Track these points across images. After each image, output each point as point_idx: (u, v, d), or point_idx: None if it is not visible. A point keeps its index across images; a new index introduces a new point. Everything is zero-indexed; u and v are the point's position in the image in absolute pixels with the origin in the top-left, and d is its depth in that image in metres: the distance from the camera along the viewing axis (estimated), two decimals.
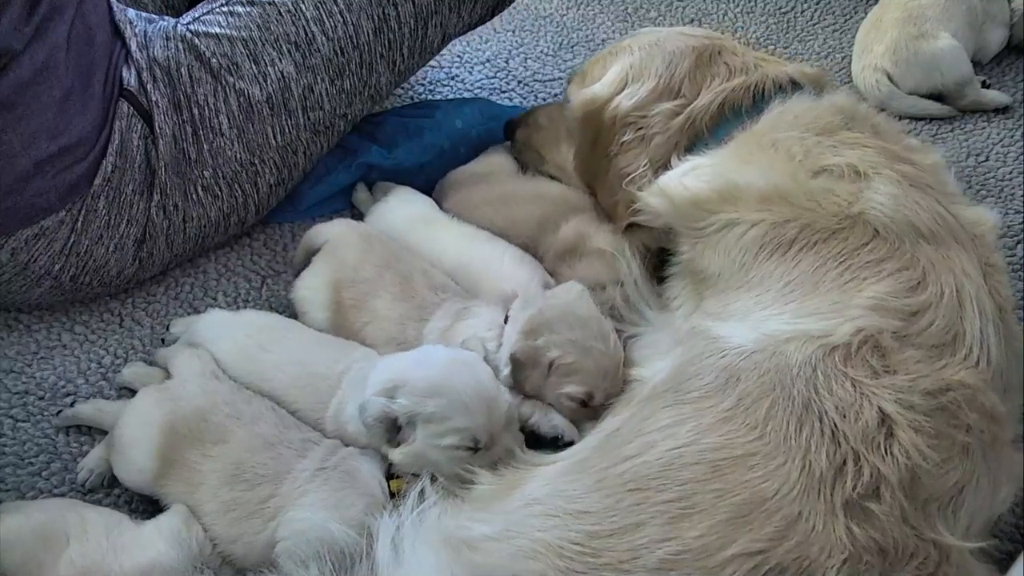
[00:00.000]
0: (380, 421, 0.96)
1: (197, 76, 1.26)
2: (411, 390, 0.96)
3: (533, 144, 1.42)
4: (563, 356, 1.07)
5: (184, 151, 1.26)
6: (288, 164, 1.37)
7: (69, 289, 1.26)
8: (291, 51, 1.30)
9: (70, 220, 1.20)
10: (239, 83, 1.28)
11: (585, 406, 1.08)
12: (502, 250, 1.29)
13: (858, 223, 0.95)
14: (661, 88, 1.19)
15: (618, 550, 0.76)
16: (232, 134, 1.29)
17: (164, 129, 1.25)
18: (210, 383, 1.09)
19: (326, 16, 1.31)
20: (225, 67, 1.27)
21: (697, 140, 1.16)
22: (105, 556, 0.94)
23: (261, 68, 1.29)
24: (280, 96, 1.30)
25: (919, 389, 0.83)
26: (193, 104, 1.26)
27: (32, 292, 1.25)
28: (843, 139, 1.04)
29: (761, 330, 0.90)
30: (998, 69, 1.90)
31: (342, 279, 1.22)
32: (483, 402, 0.97)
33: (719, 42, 1.24)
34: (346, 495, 0.97)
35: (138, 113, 1.24)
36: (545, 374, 1.08)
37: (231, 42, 1.28)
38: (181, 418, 1.03)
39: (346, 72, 1.34)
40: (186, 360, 1.13)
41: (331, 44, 1.31)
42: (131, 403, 1.08)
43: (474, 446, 0.96)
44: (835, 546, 0.75)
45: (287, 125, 1.32)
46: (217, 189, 1.31)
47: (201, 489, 0.99)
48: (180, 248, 1.33)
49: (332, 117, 1.37)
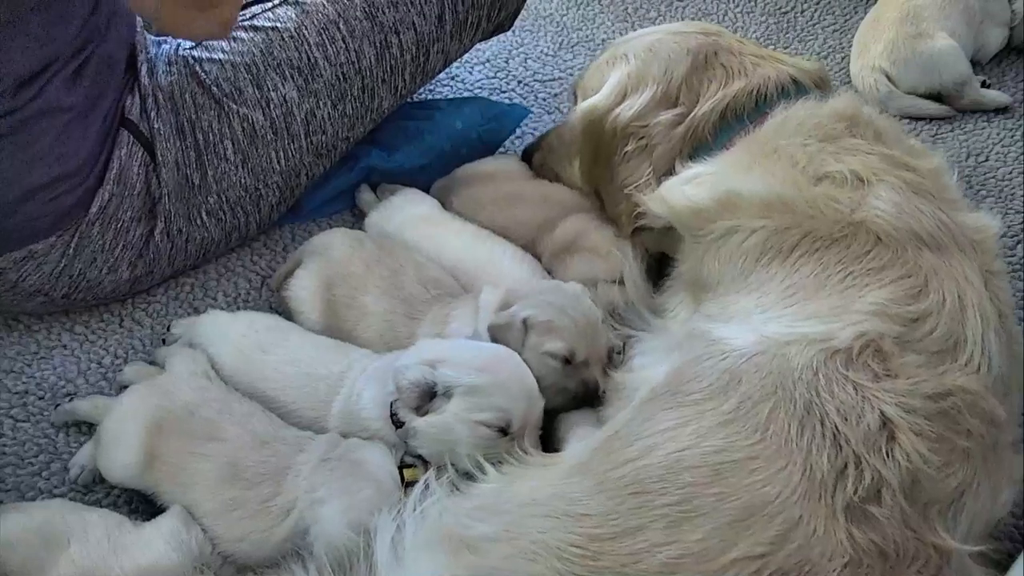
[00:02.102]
0: (417, 386, 0.98)
1: (200, 102, 1.26)
2: (459, 363, 1.00)
3: (548, 165, 1.42)
4: (537, 314, 1.09)
5: (188, 177, 1.26)
6: (291, 186, 1.37)
7: (62, 304, 1.27)
8: (294, 76, 1.30)
9: (61, 245, 1.19)
10: (242, 108, 1.27)
11: (569, 364, 1.08)
12: (502, 249, 1.30)
13: (860, 230, 0.95)
14: (660, 96, 1.19)
15: (618, 553, 0.76)
16: (237, 159, 1.29)
17: (167, 157, 1.24)
18: (200, 381, 1.09)
19: (328, 42, 1.31)
20: (228, 92, 1.27)
21: (700, 147, 1.16)
22: (105, 557, 0.94)
23: (264, 93, 1.29)
24: (283, 121, 1.30)
25: (920, 393, 0.83)
26: (197, 130, 1.26)
27: (24, 305, 1.25)
28: (845, 145, 1.04)
29: (762, 332, 0.90)
30: (998, 69, 1.90)
31: (333, 276, 1.23)
32: (525, 391, 1.01)
33: (715, 40, 1.23)
34: (355, 484, 0.97)
35: (138, 141, 1.23)
36: (522, 335, 1.08)
37: (234, 67, 1.28)
38: (168, 413, 1.03)
39: (348, 96, 1.34)
40: (180, 359, 1.13)
41: (333, 69, 1.32)
42: (119, 398, 1.08)
43: (504, 429, 0.98)
44: (836, 550, 0.75)
45: (291, 149, 1.33)
46: (221, 213, 1.31)
47: (196, 489, 0.99)
48: (181, 265, 1.34)
49: (335, 140, 1.37)
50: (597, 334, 1.11)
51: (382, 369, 1.06)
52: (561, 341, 1.08)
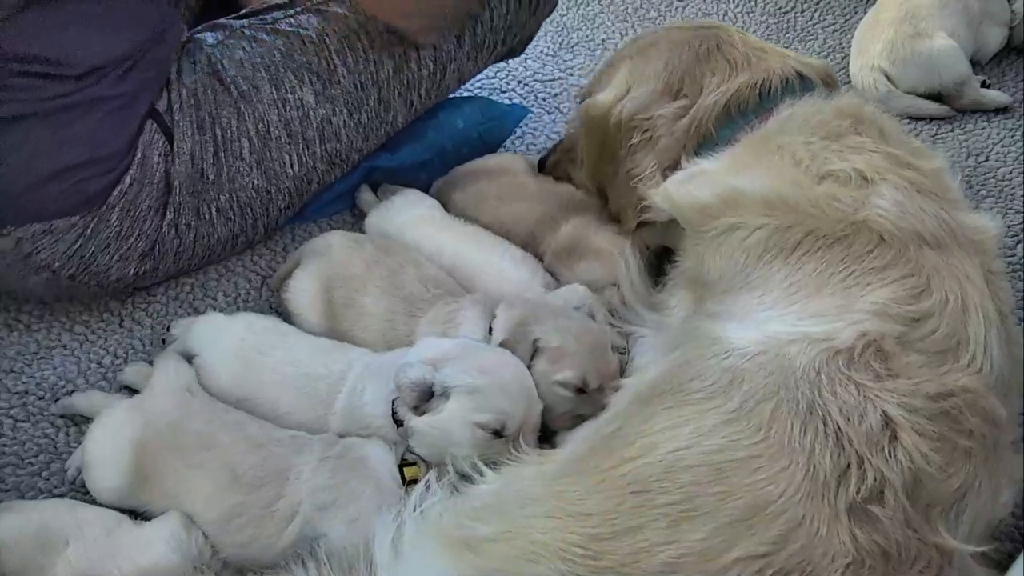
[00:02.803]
0: (416, 385, 0.98)
1: (221, 99, 1.27)
2: (461, 364, 1.00)
3: (561, 166, 1.43)
4: (548, 339, 1.08)
5: (203, 171, 1.27)
6: (301, 192, 1.38)
7: (65, 286, 1.26)
8: (312, 80, 1.31)
9: (81, 225, 1.20)
10: (259, 107, 1.29)
11: (582, 392, 1.08)
12: (503, 251, 1.30)
13: (863, 229, 0.94)
14: (663, 89, 1.19)
15: (619, 553, 0.76)
16: (252, 159, 1.30)
17: (182, 148, 1.25)
18: (182, 396, 1.07)
19: (349, 50, 1.32)
20: (245, 91, 1.28)
21: (705, 141, 1.16)
22: (104, 557, 0.93)
23: (281, 94, 1.30)
24: (298, 124, 1.31)
25: (922, 393, 0.83)
26: (216, 125, 1.27)
27: (27, 281, 1.24)
28: (850, 143, 1.03)
29: (764, 331, 0.89)
30: (998, 69, 1.90)
31: (332, 277, 1.22)
32: (525, 395, 1.02)
33: (716, 33, 1.23)
34: (359, 487, 0.97)
35: (161, 131, 1.25)
36: (530, 351, 1.08)
37: (253, 66, 1.30)
38: (154, 434, 1.01)
39: (364, 106, 1.36)
40: (163, 374, 1.10)
41: (351, 77, 1.33)
42: (99, 419, 1.06)
43: (501, 431, 0.98)
44: (838, 550, 0.75)
45: (304, 155, 1.34)
46: (231, 212, 1.32)
47: (193, 499, 0.98)
48: (186, 264, 1.34)
49: (348, 150, 1.38)
50: (607, 356, 1.10)
51: (385, 366, 1.06)
52: (572, 370, 1.07)
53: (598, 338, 1.10)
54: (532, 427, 1.02)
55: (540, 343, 1.08)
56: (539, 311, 1.12)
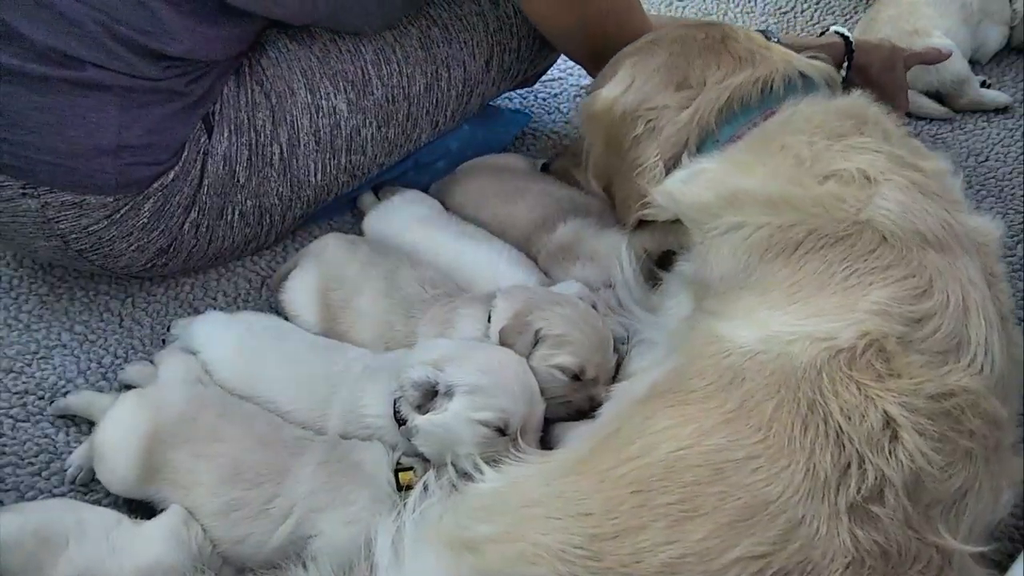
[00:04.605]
0: (420, 385, 0.99)
1: (258, 100, 1.27)
2: (464, 364, 1.01)
3: (566, 169, 1.43)
4: (550, 327, 1.08)
5: (234, 173, 1.27)
6: (319, 202, 1.39)
7: (72, 257, 1.25)
8: (347, 88, 1.31)
9: (112, 208, 1.20)
10: (292, 111, 1.29)
11: (577, 380, 1.08)
12: (499, 251, 1.30)
13: (866, 229, 0.94)
14: (666, 80, 1.19)
15: (620, 553, 0.76)
16: (280, 166, 1.30)
17: (217, 148, 1.25)
18: (194, 388, 1.08)
19: (384, 62, 1.33)
20: (281, 92, 1.28)
21: (707, 136, 1.15)
22: (105, 557, 0.94)
23: (315, 100, 1.30)
24: (328, 132, 1.31)
25: (923, 393, 0.83)
26: (251, 128, 1.27)
27: (36, 243, 1.23)
28: (853, 143, 1.03)
29: (765, 330, 0.89)
30: (998, 69, 1.90)
31: (329, 279, 1.23)
32: (527, 394, 1.02)
33: (722, 28, 1.23)
34: (354, 492, 0.98)
35: (205, 129, 1.25)
36: (531, 342, 1.08)
37: (290, 68, 1.29)
38: (164, 425, 1.02)
39: (393, 121, 1.36)
40: (172, 365, 1.12)
41: (384, 90, 1.34)
42: (111, 410, 1.06)
43: (503, 429, 0.99)
44: (838, 550, 0.75)
45: (329, 164, 1.34)
46: (251, 217, 1.32)
47: (198, 490, 0.99)
48: (195, 264, 1.34)
49: (371, 164, 1.39)
50: (608, 351, 1.11)
51: (385, 367, 1.06)
52: (572, 356, 1.08)
53: (600, 331, 1.11)
54: (534, 427, 1.03)
55: (542, 332, 1.08)
56: (540, 300, 1.13)
